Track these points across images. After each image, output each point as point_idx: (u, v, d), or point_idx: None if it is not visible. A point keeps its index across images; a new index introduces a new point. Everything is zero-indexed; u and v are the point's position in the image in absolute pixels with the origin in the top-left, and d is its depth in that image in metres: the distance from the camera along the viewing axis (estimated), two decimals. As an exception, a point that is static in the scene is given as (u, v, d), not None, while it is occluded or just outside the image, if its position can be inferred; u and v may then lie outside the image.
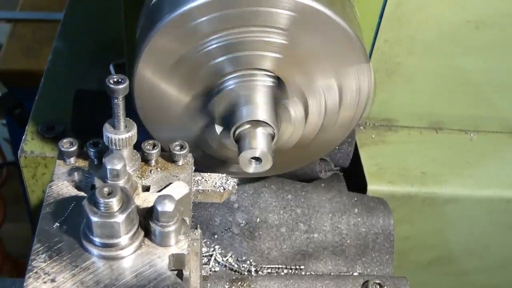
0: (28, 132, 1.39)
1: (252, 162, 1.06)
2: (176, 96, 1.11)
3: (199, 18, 1.02)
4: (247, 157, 1.05)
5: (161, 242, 0.81)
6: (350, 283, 1.25)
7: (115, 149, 0.85)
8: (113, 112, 0.84)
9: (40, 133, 1.38)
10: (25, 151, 1.35)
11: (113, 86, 0.80)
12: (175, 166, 0.94)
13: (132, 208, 0.78)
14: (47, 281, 0.76)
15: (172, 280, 0.77)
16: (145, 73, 1.08)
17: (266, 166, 1.06)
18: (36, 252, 0.78)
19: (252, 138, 1.05)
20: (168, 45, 1.05)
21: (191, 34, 1.04)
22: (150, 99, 1.12)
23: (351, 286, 1.24)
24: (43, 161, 1.36)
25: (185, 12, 1.01)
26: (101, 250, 0.78)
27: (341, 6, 1.09)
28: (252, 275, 1.28)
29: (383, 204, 1.39)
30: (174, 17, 1.02)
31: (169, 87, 1.10)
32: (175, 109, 1.13)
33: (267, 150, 1.04)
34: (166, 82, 1.10)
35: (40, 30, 2.75)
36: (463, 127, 1.59)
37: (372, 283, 1.24)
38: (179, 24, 1.02)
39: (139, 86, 1.10)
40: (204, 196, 0.98)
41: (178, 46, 1.05)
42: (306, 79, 1.10)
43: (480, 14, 1.37)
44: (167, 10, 1.03)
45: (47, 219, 0.82)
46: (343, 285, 1.24)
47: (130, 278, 0.77)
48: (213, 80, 1.09)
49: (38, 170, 1.37)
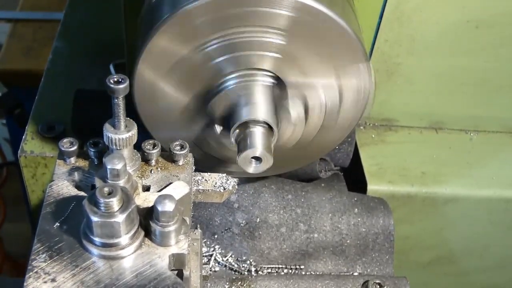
0: (28, 132, 1.39)
1: (252, 162, 1.06)
2: (176, 96, 1.11)
3: (199, 18, 1.02)
4: (247, 157, 1.05)
5: (161, 242, 0.81)
6: (350, 283, 1.25)
7: (116, 149, 0.85)
8: (113, 112, 0.84)
9: (40, 133, 1.38)
10: (25, 151, 1.35)
11: (113, 86, 0.80)
12: (175, 166, 0.93)
13: (132, 208, 0.78)
14: (47, 281, 0.76)
15: (173, 280, 0.77)
16: (145, 73, 1.08)
17: (266, 166, 1.06)
18: (37, 252, 0.78)
19: (252, 138, 1.05)
20: (168, 45, 1.05)
21: (191, 34, 1.04)
22: (150, 99, 1.12)
23: (351, 286, 1.24)
24: (43, 161, 1.35)
25: (185, 12, 1.01)
26: (101, 250, 0.78)
27: (341, 6, 1.09)
28: (252, 275, 1.28)
29: (383, 204, 1.39)
30: (174, 17, 1.02)
31: (169, 87, 1.10)
32: (175, 109, 1.13)
33: (267, 150, 1.04)
34: (166, 82, 1.10)
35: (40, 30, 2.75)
36: (463, 127, 1.59)
37: (372, 283, 1.24)
38: (179, 24, 1.02)
39: (139, 86, 1.10)
40: (205, 196, 0.98)
41: (178, 46, 1.05)
42: (306, 79, 1.10)
43: (480, 14, 1.37)
44: (167, 10, 1.03)
45: (47, 219, 0.82)
46: (343, 285, 1.24)
47: (130, 278, 0.77)
48: (213, 80, 1.09)
49: (38, 170, 1.37)
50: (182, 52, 1.05)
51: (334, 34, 1.05)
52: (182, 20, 1.02)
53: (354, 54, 1.08)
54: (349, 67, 1.10)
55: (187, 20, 1.02)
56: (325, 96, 1.13)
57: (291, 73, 1.09)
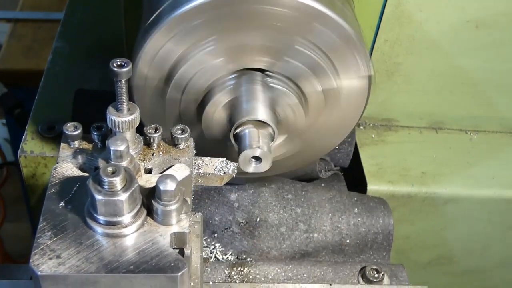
0: (28, 132, 1.39)
1: (252, 161, 1.06)
2: (175, 95, 1.11)
3: (198, 18, 1.02)
4: (247, 156, 1.05)
5: (163, 221, 0.82)
6: (348, 269, 1.27)
7: (118, 131, 0.87)
8: (116, 95, 0.85)
9: (40, 133, 1.38)
10: (25, 151, 1.35)
11: (117, 69, 0.82)
12: (176, 150, 0.95)
13: (135, 187, 0.80)
14: (52, 257, 0.77)
15: (174, 257, 0.79)
16: (145, 72, 1.08)
17: (266, 166, 1.06)
18: (42, 230, 0.80)
19: (252, 138, 1.05)
20: (168, 45, 1.05)
21: (190, 34, 1.04)
22: (150, 99, 1.12)
23: (349, 272, 1.26)
24: (43, 161, 1.36)
25: (185, 12, 1.01)
26: (105, 228, 0.80)
27: (341, 6, 1.09)
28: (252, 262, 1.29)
29: (383, 204, 1.39)
30: (173, 17, 1.02)
31: (169, 87, 1.10)
32: (174, 108, 1.13)
33: (267, 150, 1.04)
34: (166, 82, 1.10)
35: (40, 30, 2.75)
36: (463, 127, 1.59)
37: (370, 268, 1.25)
38: (178, 24, 1.02)
39: (139, 85, 1.10)
40: (205, 180, 1.00)
41: (177, 46, 1.05)
42: (306, 79, 1.10)
43: (480, 14, 1.37)
44: (167, 10, 1.03)
45: (52, 199, 0.84)
46: (341, 271, 1.26)
47: (133, 255, 0.79)
48: (212, 81, 1.09)
49: (38, 170, 1.37)
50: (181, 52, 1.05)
51: (334, 34, 1.05)
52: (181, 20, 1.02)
53: (354, 54, 1.08)
54: (349, 67, 1.10)
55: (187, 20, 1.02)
56: (325, 95, 1.13)
57: (291, 73, 1.09)
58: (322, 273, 1.25)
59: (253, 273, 1.24)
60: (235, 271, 1.24)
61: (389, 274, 1.25)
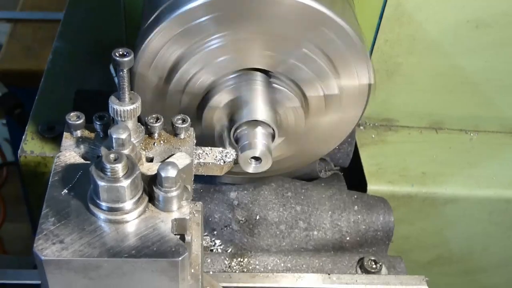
0: (28, 132, 1.39)
1: (252, 161, 1.06)
2: (175, 95, 1.11)
3: (198, 18, 1.02)
4: (247, 157, 1.05)
5: (164, 207, 0.83)
6: (346, 260, 1.27)
7: (120, 120, 0.89)
8: (118, 84, 0.87)
9: (40, 133, 1.38)
10: (25, 151, 1.35)
11: (119, 59, 0.84)
12: (177, 139, 0.97)
13: (137, 174, 0.80)
14: (56, 242, 0.78)
15: (175, 242, 0.80)
16: (145, 72, 1.08)
17: (266, 165, 1.06)
18: (45, 216, 0.81)
19: (252, 138, 1.05)
20: (168, 45, 1.05)
21: (190, 34, 1.04)
22: (150, 98, 1.12)
23: (347, 263, 1.27)
24: (43, 161, 1.35)
25: (185, 12, 1.01)
26: (107, 214, 0.81)
27: (341, 6, 1.09)
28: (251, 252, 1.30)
29: (383, 202, 1.39)
30: (173, 17, 1.02)
31: (169, 87, 1.10)
32: (174, 108, 1.13)
33: (267, 150, 1.04)
34: (166, 82, 1.10)
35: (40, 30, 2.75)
36: (463, 127, 1.59)
37: (368, 259, 1.26)
38: (178, 24, 1.02)
39: (139, 85, 1.10)
40: (205, 169, 1.01)
41: (177, 46, 1.05)
42: (306, 79, 1.10)
43: (480, 14, 1.37)
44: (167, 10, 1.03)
45: (55, 186, 0.85)
46: (339, 262, 1.27)
47: (135, 240, 0.80)
48: (212, 80, 1.09)
49: (38, 170, 1.37)
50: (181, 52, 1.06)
51: (334, 34, 1.05)
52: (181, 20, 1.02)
53: (354, 54, 1.08)
54: (349, 67, 1.10)
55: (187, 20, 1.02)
56: (325, 95, 1.13)
57: (291, 73, 1.09)
58: (321, 264, 1.27)
59: (252, 263, 1.26)
60: (235, 262, 1.25)
61: (387, 266, 1.26)
